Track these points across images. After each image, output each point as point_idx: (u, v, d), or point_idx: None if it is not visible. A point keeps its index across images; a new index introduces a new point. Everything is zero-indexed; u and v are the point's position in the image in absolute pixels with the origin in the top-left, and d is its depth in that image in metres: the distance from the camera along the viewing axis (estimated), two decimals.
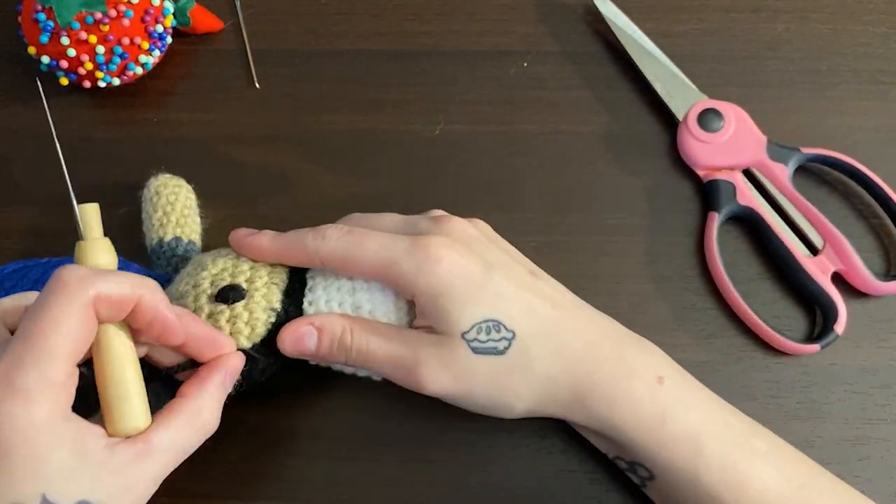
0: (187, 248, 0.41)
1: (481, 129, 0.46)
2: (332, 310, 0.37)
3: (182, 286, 0.37)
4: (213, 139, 0.46)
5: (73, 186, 0.40)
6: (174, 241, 0.41)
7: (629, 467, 0.36)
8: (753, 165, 0.44)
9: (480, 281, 0.35)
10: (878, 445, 0.40)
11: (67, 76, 0.44)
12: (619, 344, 0.36)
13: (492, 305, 0.35)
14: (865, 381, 0.41)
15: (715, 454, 0.34)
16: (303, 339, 0.36)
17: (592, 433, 0.37)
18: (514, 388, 0.35)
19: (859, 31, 0.48)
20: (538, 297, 0.36)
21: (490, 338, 0.34)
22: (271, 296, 0.36)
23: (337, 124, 0.47)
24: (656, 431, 0.34)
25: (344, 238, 0.36)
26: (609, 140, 0.46)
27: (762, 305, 0.42)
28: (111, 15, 0.42)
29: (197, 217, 0.42)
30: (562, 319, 0.36)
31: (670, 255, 0.44)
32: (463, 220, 0.38)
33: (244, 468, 0.39)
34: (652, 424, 0.34)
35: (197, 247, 0.41)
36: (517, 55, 0.48)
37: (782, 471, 0.34)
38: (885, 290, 0.42)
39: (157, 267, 0.41)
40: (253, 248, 0.37)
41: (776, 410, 0.40)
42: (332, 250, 0.36)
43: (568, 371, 0.35)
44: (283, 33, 0.49)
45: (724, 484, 0.33)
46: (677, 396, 0.35)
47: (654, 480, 0.35)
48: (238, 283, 0.36)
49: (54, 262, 0.39)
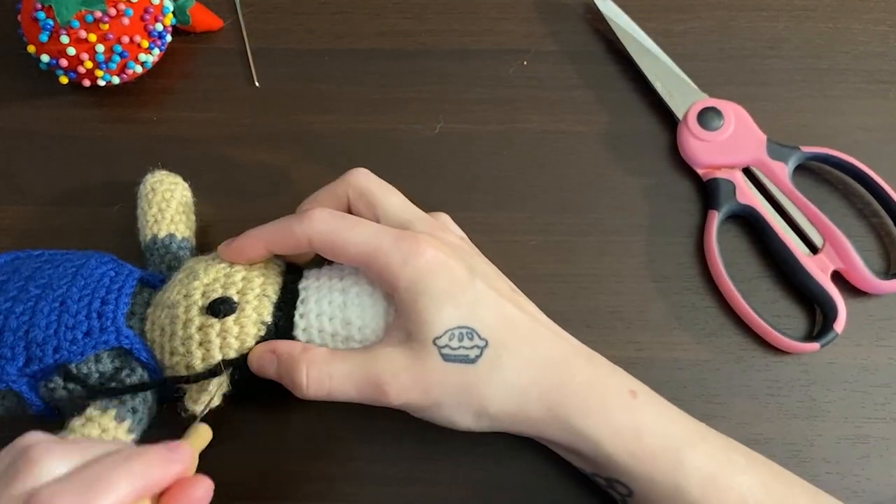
0: (181, 246, 0.40)
1: (481, 129, 0.46)
2: (323, 324, 0.36)
3: (174, 295, 0.37)
4: (213, 138, 0.46)
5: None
6: (168, 237, 0.40)
7: (607, 484, 0.36)
8: (753, 164, 0.44)
9: (462, 283, 0.35)
10: (877, 444, 0.40)
11: (67, 75, 0.44)
12: (590, 360, 0.36)
13: (469, 311, 0.34)
14: (865, 379, 0.41)
15: (695, 467, 0.33)
16: (264, 364, 0.36)
17: (568, 451, 0.36)
18: (483, 399, 0.34)
19: (859, 29, 0.48)
20: (517, 309, 0.35)
21: (462, 345, 0.34)
22: (262, 309, 0.36)
23: (336, 124, 0.47)
24: (634, 444, 0.34)
25: (332, 221, 0.35)
26: (609, 139, 0.46)
27: (762, 304, 0.42)
28: (111, 13, 0.42)
29: (192, 215, 0.42)
30: (537, 331, 0.35)
31: (670, 253, 0.44)
32: (455, 233, 0.38)
33: (243, 468, 0.39)
34: (629, 437, 0.34)
35: (191, 244, 0.41)
36: (517, 54, 0.48)
37: (762, 484, 0.34)
38: (884, 288, 0.42)
39: (151, 264, 0.40)
40: (243, 249, 0.37)
41: (776, 409, 0.40)
42: (321, 231, 0.35)
43: (539, 382, 0.34)
44: (283, 32, 0.49)
45: (705, 497, 0.33)
46: (653, 410, 0.35)
47: (632, 497, 0.35)
48: (229, 295, 0.36)
49: (47, 254, 0.39)
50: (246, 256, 0.37)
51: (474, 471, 0.39)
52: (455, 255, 0.35)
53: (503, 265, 0.42)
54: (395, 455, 0.40)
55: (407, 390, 0.34)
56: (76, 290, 0.36)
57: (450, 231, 0.38)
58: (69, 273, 0.37)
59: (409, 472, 0.39)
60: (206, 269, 0.37)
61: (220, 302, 0.36)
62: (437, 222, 0.38)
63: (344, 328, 0.36)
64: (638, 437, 0.34)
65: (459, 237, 0.39)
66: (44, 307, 0.36)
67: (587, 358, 0.36)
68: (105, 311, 0.36)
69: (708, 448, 0.34)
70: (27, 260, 0.39)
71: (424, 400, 0.34)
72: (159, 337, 0.36)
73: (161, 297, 0.37)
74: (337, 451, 0.40)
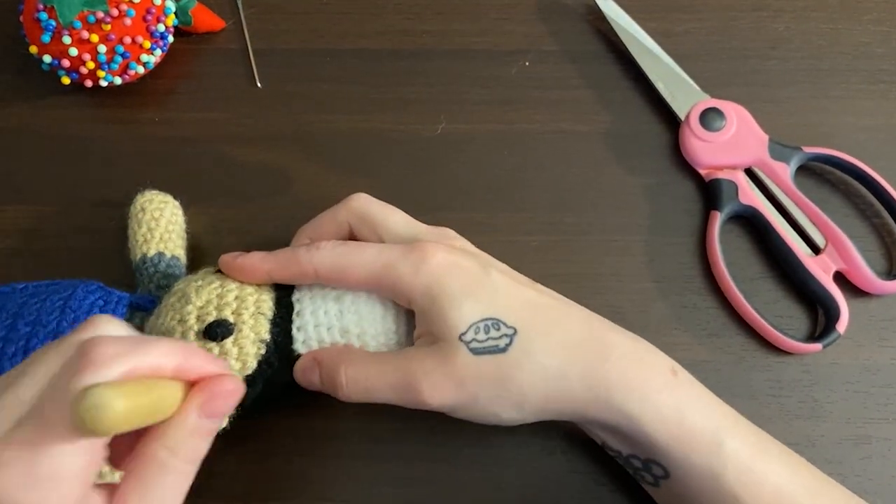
0: (170, 264, 0.40)
1: (482, 129, 0.46)
2: (321, 335, 0.36)
3: (167, 320, 0.36)
4: (215, 138, 0.46)
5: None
6: (157, 256, 0.40)
7: (643, 466, 0.35)
8: (755, 164, 0.44)
9: (478, 277, 0.35)
10: (879, 445, 0.40)
11: (69, 75, 0.44)
12: (626, 334, 0.35)
13: (489, 301, 0.34)
14: (867, 380, 0.41)
15: (733, 452, 0.33)
16: (308, 374, 0.36)
17: (606, 430, 0.35)
18: (521, 387, 0.33)
19: (861, 30, 0.48)
20: (537, 292, 0.35)
21: (489, 336, 0.34)
22: (259, 327, 0.36)
23: (338, 123, 0.47)
24: (675, 425, 0.33)
25: (339, 248, 0.36)
26: (611, 139, 0.46)
27: (764, 305, 0.42)
28: (113, 14, 0.42)
29: (182, 233, 0.42)
30: (565, 311, 0.35)
31: (672, 254, 0.43)
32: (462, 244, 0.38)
33: (245, 468, 0.39)
34: (671, 417, 0.33)
35: (180, 262, 0.41)
36: (518, 54, 0.48)
37: (796, 473, 0.34)
38: (886, 289, 0.42)
39: (141, 283, 0.40)
40: (245, 270, 0.36)
41: (778, 409, 0.40)
42: (327, 260, 0.35)
43: (576, 361, 0.33)
44: (285, 33, 0.49)
45: (742, 484, 0.32)
46: (693, 391, 0.34)
47: (668, 479, 0.34)
48: (225, 317, 0.35)
49: (31, 287, 0.38)
50: (246, 277, 0.37)
51: (474, 471, 0.39)
52: (465, 255, 0.35)
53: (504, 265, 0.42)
54: (396, 455, 0.40)
55: (440, 389, 0.34)
56: (66, 324, 0.36)
57: (456, 240, 0.38)
58: (57, 307, 0.36)
59: (409, 472, 0.39)
60: (197, 292, 0.36)
61: (217, 325, 0.35)
62: (442, 233, 0.38)
63: (343, 336, 0.36)
64: (679, 418, 0.33)
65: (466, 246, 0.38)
66: (36, 346, 0.35)
67: (623, 333, 0.35)
68: None
69: (745, 434, 0.34)
70: (11, 294, 0.38)
71: (460, 396, 0.34)
72: None
73: (154, 322, 0.37)
74: (337, 451, 0.40)
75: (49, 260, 0.43)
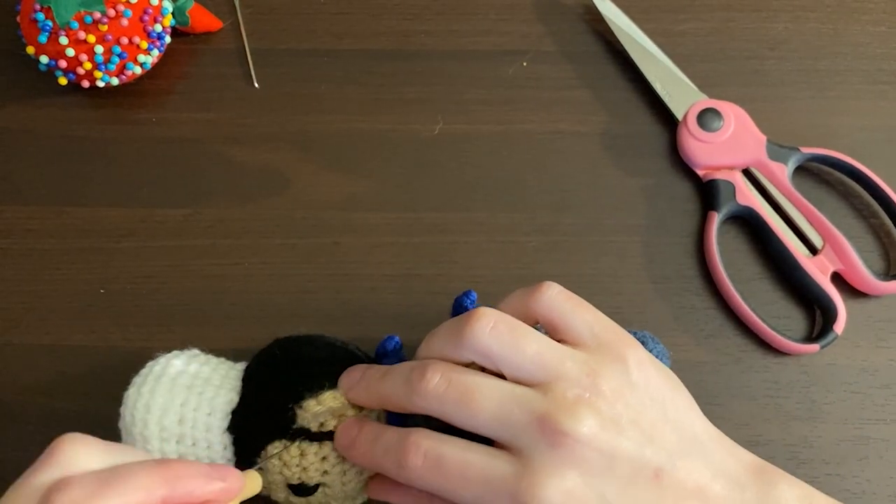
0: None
1: (481, 129, 0.46)
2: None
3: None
4: (212, 139, 0.46)
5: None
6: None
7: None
8: (753, 165, 0.44)
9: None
10: (877, 445, 0.40)
11: (66, 76, 0.44)
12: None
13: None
14: (865, 381, 0.41)
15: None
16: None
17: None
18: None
19: (859, 30, 0.48)
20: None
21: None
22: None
23: (337, 124, 0.46)
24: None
25: (446, 394, 0.30)
26: (608, 140, 0.46)
27: (762, 305, 0.42)
28: (110, 14, 0.42)
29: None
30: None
31: (670, 254, 0.43)
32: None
33: None
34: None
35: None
36: (517, 55, 0.48)
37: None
38: (884, 289, 0.42)
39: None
40: (357, 396, 0.33)
41: (775, 410, 0.40)
42: (437, 396, 0.30)
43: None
44: (283, 33, 0.49)
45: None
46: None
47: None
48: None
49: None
50: (355, 401, 0.33)
51: None
52: (587, 486, 0.28)
53: (503, 265, 0.42)
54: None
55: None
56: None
57: (632, 349, 0.31)
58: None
59: None
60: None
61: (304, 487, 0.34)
62: (616, 350, 0.32)
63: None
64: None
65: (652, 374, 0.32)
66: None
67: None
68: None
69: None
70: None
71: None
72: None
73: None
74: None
75: (48, 260, 0.43)
